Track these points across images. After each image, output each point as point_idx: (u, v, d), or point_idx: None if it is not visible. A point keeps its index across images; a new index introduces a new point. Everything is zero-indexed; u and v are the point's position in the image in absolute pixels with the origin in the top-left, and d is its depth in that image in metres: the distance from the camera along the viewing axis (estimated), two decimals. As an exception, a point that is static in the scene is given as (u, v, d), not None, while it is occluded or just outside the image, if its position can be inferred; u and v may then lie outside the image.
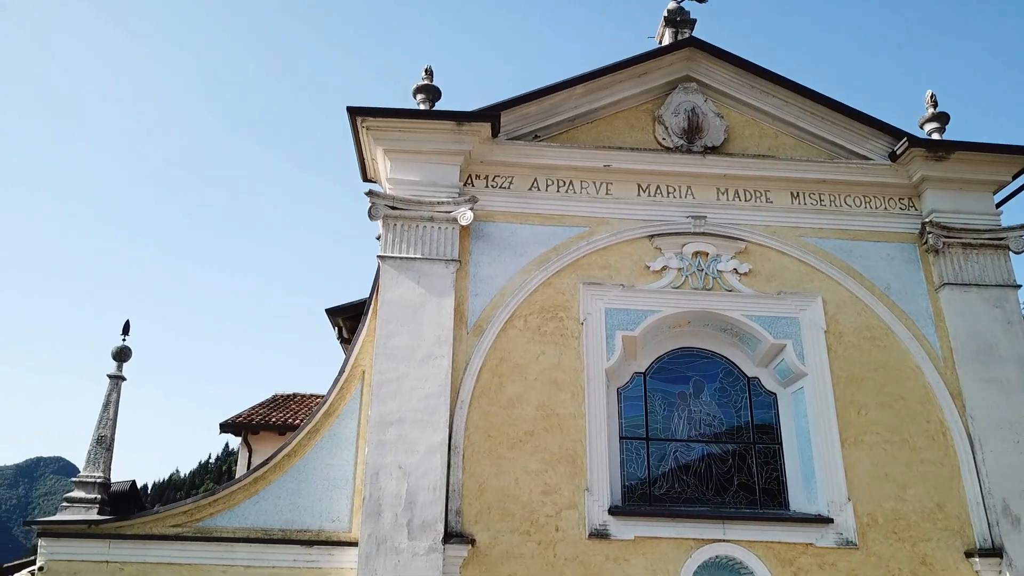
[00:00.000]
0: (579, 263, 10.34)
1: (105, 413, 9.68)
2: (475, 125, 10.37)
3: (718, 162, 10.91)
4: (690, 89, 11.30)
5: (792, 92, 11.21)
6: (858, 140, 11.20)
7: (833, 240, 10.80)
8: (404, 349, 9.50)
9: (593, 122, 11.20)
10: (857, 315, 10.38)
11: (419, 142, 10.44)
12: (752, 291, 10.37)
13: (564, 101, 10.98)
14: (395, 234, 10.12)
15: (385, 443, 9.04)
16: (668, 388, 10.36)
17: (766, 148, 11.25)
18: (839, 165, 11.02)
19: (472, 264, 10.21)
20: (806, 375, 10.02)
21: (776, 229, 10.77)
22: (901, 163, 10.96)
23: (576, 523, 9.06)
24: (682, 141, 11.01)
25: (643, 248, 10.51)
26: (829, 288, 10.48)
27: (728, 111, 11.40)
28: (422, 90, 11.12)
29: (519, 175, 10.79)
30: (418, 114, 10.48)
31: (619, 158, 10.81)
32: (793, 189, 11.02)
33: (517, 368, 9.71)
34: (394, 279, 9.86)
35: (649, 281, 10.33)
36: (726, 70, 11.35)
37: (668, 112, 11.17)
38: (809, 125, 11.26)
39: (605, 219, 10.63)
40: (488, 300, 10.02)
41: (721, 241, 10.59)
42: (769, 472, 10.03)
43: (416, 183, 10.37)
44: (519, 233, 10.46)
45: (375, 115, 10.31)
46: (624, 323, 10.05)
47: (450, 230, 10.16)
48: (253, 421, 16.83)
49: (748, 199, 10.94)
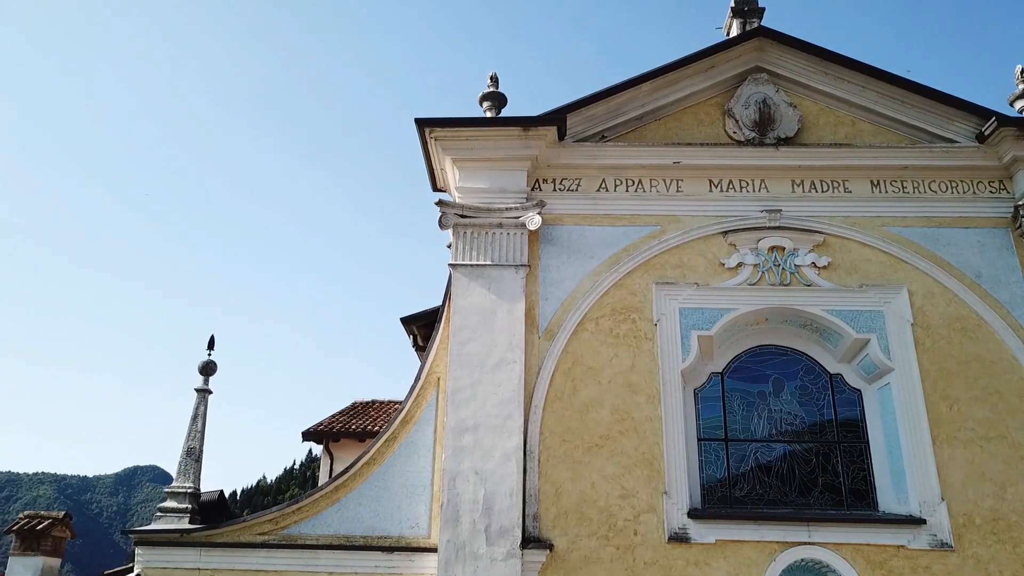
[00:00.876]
0: (651, 263, 10.19)
1: (194, 426, 10.04)
2: (541, 129, 10.35)
3: (792, 153, 10.59)
4: (760, 80, 11.02)
5: (869, 76, 10.79)
6: (942, 123, 10.71)
7: (918, 228, 10.35)
8: (477, 355, 9.55)
9: (661, 119, 11.04)
10: (946, 306, 9.92)
11: (486, 149, 10.48)
12: (832, 285, 10.02)
13: (630, 100, 10.86)
14: (465, 242, 10.18)
15: (461, 449, 9.10)
16: (747, 388, 10.11)
17: (843, 136, 10.88)
18: (922, 150, 10.56)
19: (542, 268, 10.18)
20: (892, 370, 9.63)
21: (856, 220, 10.38)
22: (990, 144, 10.43)
23: (655, 527, 8.93)
24: (754, 134, 10.74)
25: (717, 245, 10.30)
26: (915, 279, 10.05)
27: (801, 100, 11.07)
28: (488, 97, 11.17)
29: (587, 177, 10.71)
30: (484, 122, 10.52)
31: (689, 154, 10.62)
32: (873, 177, 10.61)
33: (590, 371, 9.64)
34: (465, 287, 9.92)
35: (724, 279, 10.11)
36: (798, 58, 11.02)
37: (738, 105, 10.91)
38: (888, 110, 10.82)
39: (676, 217, 10.46)
40: (559, 304, 9.98)
41: (798, 234, 10.28)
42: (855, 472, 9.68)
43: (484, 190, 10.41)
44: (588, 235, 10.38)
45: (443, 125, 10.40)
46: (699, 323, 9.86)
47: (519, 235, 10.17)
48: (334, 429, 17.20)
49: (825, 190, 10.59)
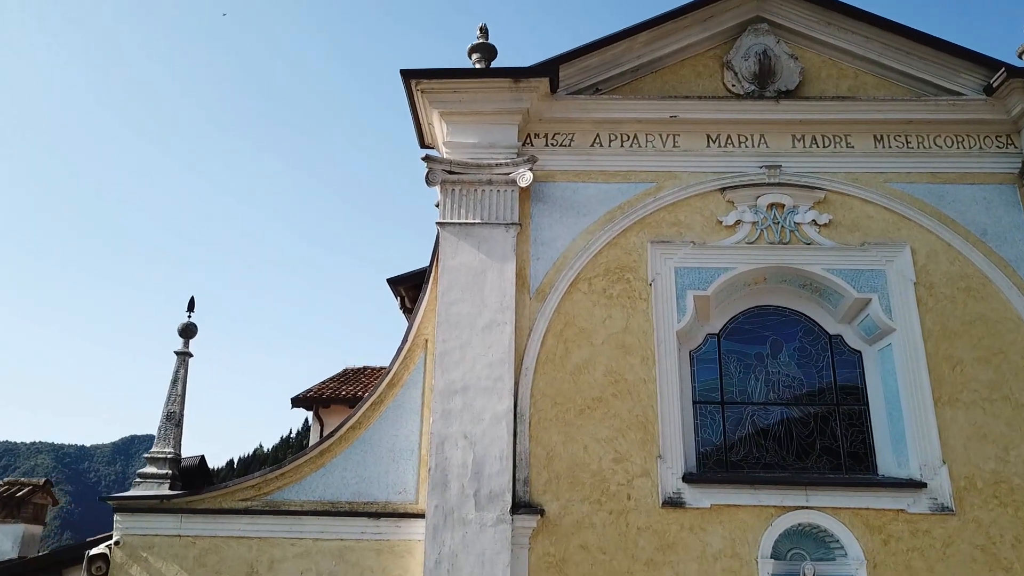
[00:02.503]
0: (646, 221, 9.85)
1: (174, 389, 9.74)
2: (532, 81, 9.93)
3: (793, 107, 10.20)
4: (761, 31, 10.58)
5: (873, 27, 10.37)
6: (948, 75, 10.31)
7: (922, 185, 10.00)
8: (466, 316, 9.23)
9: (657, 71, 10.62)
10: (950, 264, 9.61)
11: (475, 102, 10.06)
12: (833, 243, 9.69)
13: (626, 51, 10.43)
14: (453, 200, 9.81)
15: (450, 412, 8.82)
16: (744, 349, 9.82)
17: (845, 89, 10.48)
18: (928, 103, 10.17)
19: (533, 227, 9.83)
20: (894, 331, 9.34)
21: (858, 176, 10.03)
22: (998, 97, 10.05)
23: (649, 491, 8.69)
24: (753, 87, 10.33)
25: (715, 202, 9.94)
26: (918, 237, 9.73)
27: (803, 52, 10.65)
28: (477, 49, 10.71)
29: (580, 131, 10.32)
30: (473, 73, 10.08)
31: (686, 108, 10.22)
32: (876, 132, 10.24)
33: (583, 333, 9.34)
34: (454, 246, 9.56)
35: (722, 237, 9.77)
36: (800, 7, 10.58)
37: (737, 56, 10.49)
38: (893, 62, 10.42)
39: (673, 173, 10.09)
40: (551, 264, 9.65)
41: (798, 191, 9.92)
42: (855, 435, 9.43)
43: (474, 145, 10.02)
44: (582, 192, 10.02)
45: (430, 77, 9.96)
46: (696, 282, 9.54)
47: (509, 193, 9.79)
48: (324, 395, 16.95)
49: (827, 145, 10.21)
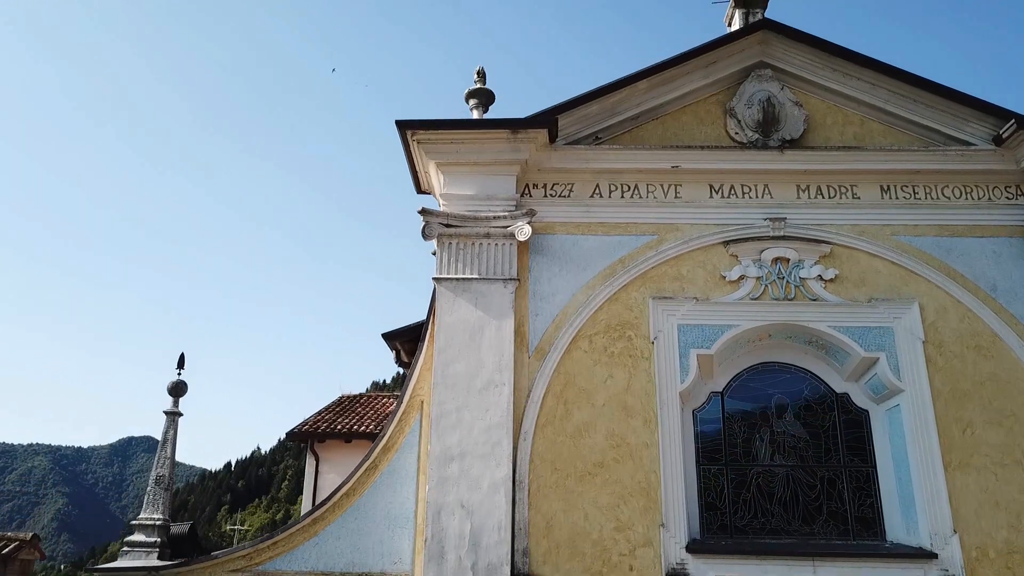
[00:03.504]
0: (648, 275, 9.60)
1: (163, 452, 9.48)
2: (531, 132, 9.69)
3: (798, 157, 9.97)
4: (764, 76, 10.34)
5: (879, 73, 10.14)
6: (956, 123, 10.08)
7: (930, 238, 9.77)
8: (463, 377, 8.98)
9: (659, 118, 10.38)
10: (959, 322, 9.38)
11: (472, 153, 9.82)
12: (839, 299, 9.46)
13: (626, 99, 10.18)
14: (450, 253, 9.56)
15: (446, 479, 8.57)
16: (748, 408, 9.59)
17: (851, 137, 10.25)
18: (935, 153, 9.94)
19: (532, 281, 9.59)
20: (902, 391, 9.10)
21: (865, 228, 9.80)
22: (1007, 147, 9.83)
23: (652, 562, 8.45)
24: (757, 135, 10.10)
25: (718, 256, 9.70)
26: (927, 292, 9.50)
27: (807, 98, 10.42)
28: (475, 95, 10.50)
29: (580, 181, 10.08)
30: (470, 124, 9.84)
31: (688, 157, 9.98)
32: (883, 182, 10.01)
33: (583, 393, 9.09)
34: (450, 302, 9.32)
35: (725, 292, 9.53)
36: (804, 52, 10.35)
37: (740, 103, 10.25)
38: (900, 109, 10.19)
39: (675, 225, 9.85)
40: (550, 320, 9.40)
41: (803, 245, 9.69)
42: (862, 499, 9.19)
43: (471, 197, 9.78)
44: (581, 245, 9.78)
45: (426, 128, 9.72)
46: (699, 340, 9.30)
47: (508, 246, 9.55)
48: (319, 429, 16.69)
49: (832, 196, 9.98)
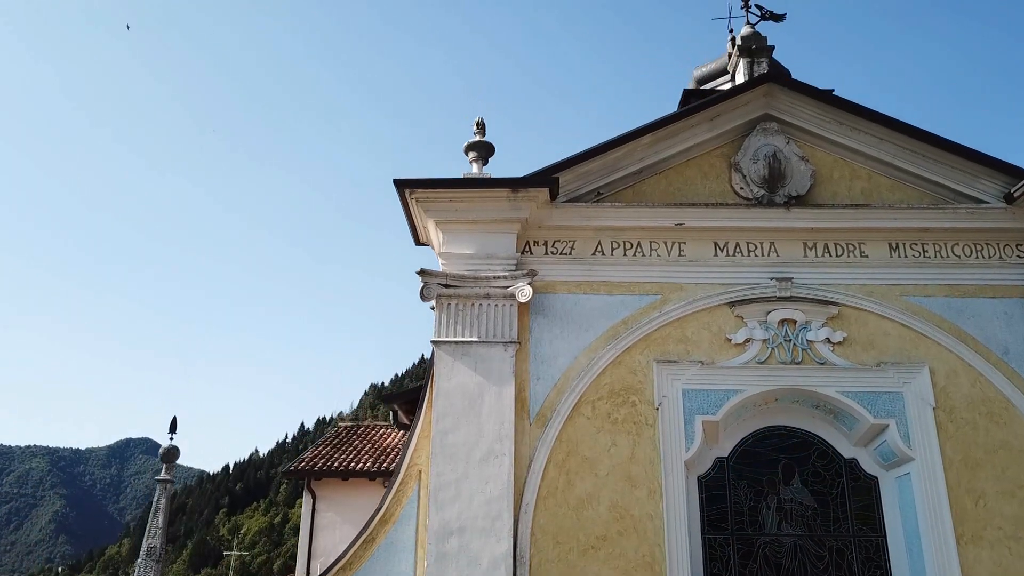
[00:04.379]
0: (652, 337, 9.38)
1: (154, 522, 9.28)
2: (531, 191, 9.48)
3: (804, 215, 9.75)
4: (770, 130, 10.12)
5: (887, 128, 9.94)
6: (966, 180, 9.87)
7: (940, 298, 9.56)
8: (462, 447, 8.76)
9: (662, 172, 10.16)
10: (971, 386, 9.17)
11: (472, 211, 9.61)
12: (848, 363, 9.24)
13: (629, 154, 9.97)
14: (449, 315, 9.34)
15: (445, 555, 8.35)
16: (754, 474, 9.36)
17: (859, 192, 10.04)
18: (945, 211, 9.74)
19: (533, 343, 9.36)
20: (913, 459, 8.90)
21: (873, 289, 9.58)
22: (1018, 206, 9.62)
23: (657, 641, 8.23)
24: (763, 191, 9.88)
25: (723, 317, 9.48)
26: (937, 355, 9.28)
27: (814, 151, 10.20)
28: (474, 147, 10.26)
29: (582, 239, 9.86)
30: (470, 183, 9.62)
31: (692, 215, 9.76)
32: (892, 240, 9.80)
33: (586, 463, 8.87)
34: (449, 366, 9.10)
35: (731, 356, 9.31)
36: (810, 106, 10.13)
37: (746, 158, 10.03)
38: (908, 164, 9.98)
39: (679, 285, 9.63)
40: (552, 384, 9.18)
41: (811, 306, 9.47)
42: (872, 569, 8.98)
43: (470, 256, 9.56)
44: (584, 305, 9.55)
45: (424, 186, 9.51)
46: (704, 406, 9.09)
47: (508, 307, 9.33)
48: (316, 467, 16.47)
49: (840, 254, 9.77)
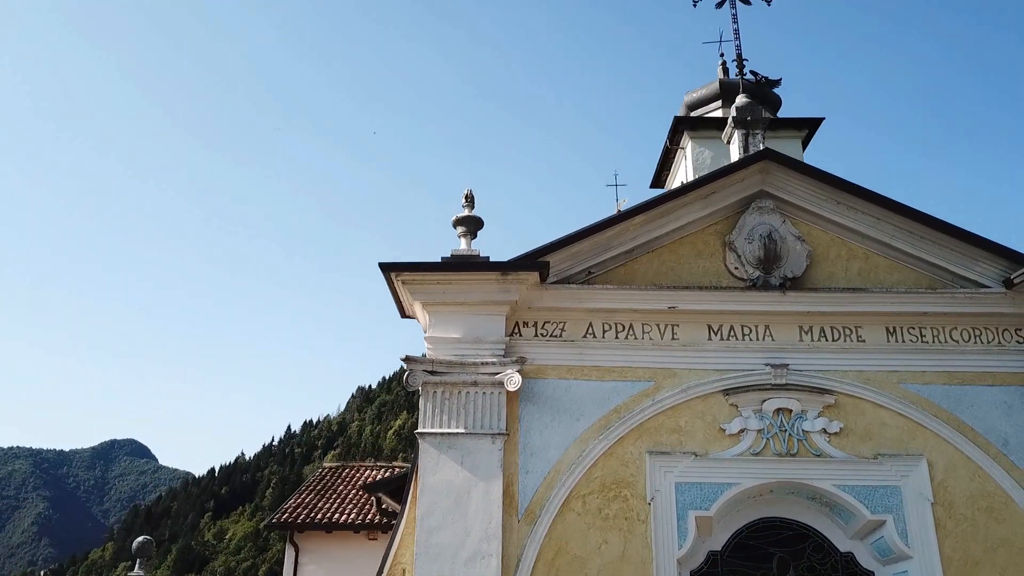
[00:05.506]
0: (645, 427, 9.12)
1: (127, 622, 8.91)
2: (521, 274, 9.20)
3: (801, 298, 9.52)
4: (765, 208, 9.88)
5: (885, 209, 9.73)
6: (965, 262, 9.67)
7: (938, 386, 9.35)
8: (448, 547, 8.47)
9: (655, 251, 9.90)
10: (970, 480, 8.96)
11: (460, 294, 9.33)
12: (844, 455, 9.02)
13: (621, 233, 9.72)
14: (435, 403, 9.04)
15: (431, 665, 8.05)
16: (748, 568, 9.12)
17: (856, 272, 9.81)
18: (943, 295, 9.53)
19: (522, 433, 9.08)
20: (911, 557, 8.68)
21: (870, 376, 9.36)
22: (1018, 291, 9.42)
23: None
24: (758, 272, 9.64)
25: (717, 406, 9.24)
26: (935, 447, 9.07)
27: (810, 229, 9.97)
28: (462, 222, 9.96)
29: (572, 320, 9.58)
30: (458, 266, 9.33)
31: (686, 298, 9.51)
32: (889, 324, 9.58)
33: (577, 561, 8.60)
34: (434, 460, 8.80)
35: (725, 447, 9.07)
36: (806, 184, 9.91)
37: (741, 237, 9.79)
38: (906, 245, 9.77)
39: (673, 370, 9.38)
40: (541, 478, 8.90)
41: (806, 395, 9.24)
42: (869, 671, 8.76)
43: (458, 341, 9.27)
44: (574, 391, 9.28)
45: (411, 269, 9.23)
46: (697, 500, 8.83)
47: (496, 396, 9.05)
48: (299, 519, 16.14)
49: (836, 338, 9.54)
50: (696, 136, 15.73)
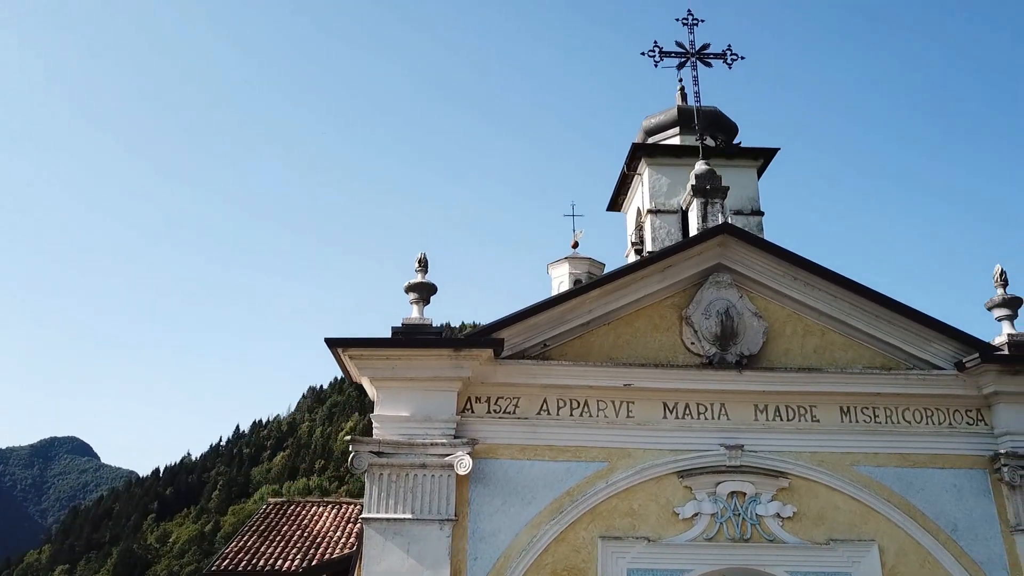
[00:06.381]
0: (597, 510, 8.93)
1: None
2: (475, 351, 8.92)
3: (757, 378, 9.42)
4: (723, 283, 9.75)
5: (841, 287, 9.68)
6: (919, 342, 9.68)
7: (891, 468, 9.34)
8: (393, 642, 8.15)
9: (611, 323, 9.72)
10: (920, 567, 8.95)
11: (411, 370, 9.04)
12: (797, 540, 8.94)
13: (577, 307, 9.51)
14: (381, 487, 8.72)
15: None
16: (700, 655, 8.97)
17: (812, 349, 9.75)
18: (897, 376, 9.53)
19: (472, 518, 8.80)
20: (861, 647, 8.63)
21: (824, 457, 9.30)
22: (970, 374, 9.44)
23: None
24: (715, 349, 9.50)
25: (671, 488, 9.08)
26: (887, 532, 9.05)
27: (767, 304, 9.88)
28: (415, 288, 9.64)
29: (526, 396, 9.35)
30: (409, 342, 9.02)
31: (641, 376, 9.34)
32: (844, 404, 9.55)
33: (526, 653, 8.36)
34: (380, 547, 8.48)
35: (678, 531, 8.92)
36: (764, 259, 9.82)
37: (698, 312, 9.65)
38: (862, 324, 9.74)
39: (627, 450, 9.20)
40: (491, 565, 8.65)
41: (761, 478, 9.14)
42: None
43: (406, 419, 8.96)
44: (527, 473, 9.04)
45: (359, 345, 8.89)
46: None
47: (446, 478, 8.77)
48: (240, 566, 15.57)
49: (791, 418, 9.46)
50: (653, 163, 15.61)
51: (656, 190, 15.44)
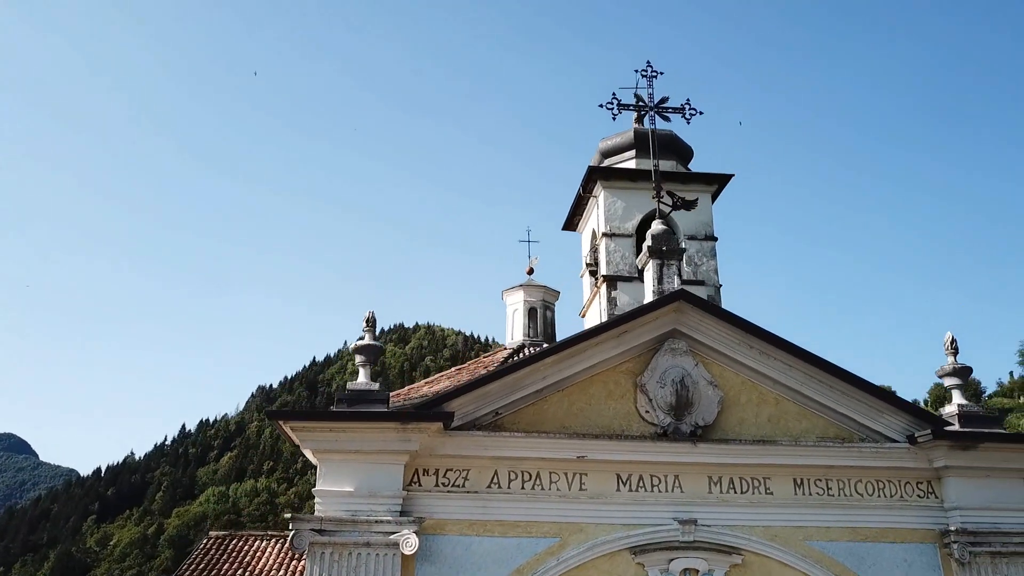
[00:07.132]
0: (548, 589, 8.66)
1: None
2: (423, 424, 8.60)
3: (711, 450, 9.29)
4: (679, 351, 9.58)
5: (795, 357, 9.60)
6: (872, 414, 9.65)
7: (843, 543, 9.29)
8: None
9: (565, 390, 9.48)
10: (870, 648, 8.89)
11: (355, 443, 8.71)
12: (748, 621, 8.80)
13: (530, 374, 9.25)
14: (322, 566, 8.35)
15: None
16: None
17: (766, 418, 9.65)
18: (850, 449, 9.49)
19: (418, 599, 8.47)
20: None
21: (777, 532, 9.20)
22: (921, 448, 9.43)
23: None
24: (669, 419, 9.33)
25: (623, 565, 8.89)
26: (838, 610, 8.96)
27: (723, 371, 9.75)
28: (362, 350, 9.28)
29: (477, 468, 9.06)
30: (353, 416, 8.65)
31: (595, 447, 9.13)
32: (797, 476, 9.48)
33: None
34: (321, 634, 8.10)
35: (630, 613, 8.70)
36: (720, 327, 9.69)
37: (653, 380, 9.46)
38: (815, 394, 9.68)
39: (579, 525, 8.97)
40: (436, 654, 8.32)
41: (714, 555, 9.00)
42: None
43: (350, 495, 8.60)
44: (475, 550, 8.75)
45: (301, 418, 8.56)
46: (599, 673, 8.43)
47: (391, 557, 8.44)
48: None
49: (745, 490, 9.34)
50: (609, 186, 15.50)
51: (611, 213, 15.34)
